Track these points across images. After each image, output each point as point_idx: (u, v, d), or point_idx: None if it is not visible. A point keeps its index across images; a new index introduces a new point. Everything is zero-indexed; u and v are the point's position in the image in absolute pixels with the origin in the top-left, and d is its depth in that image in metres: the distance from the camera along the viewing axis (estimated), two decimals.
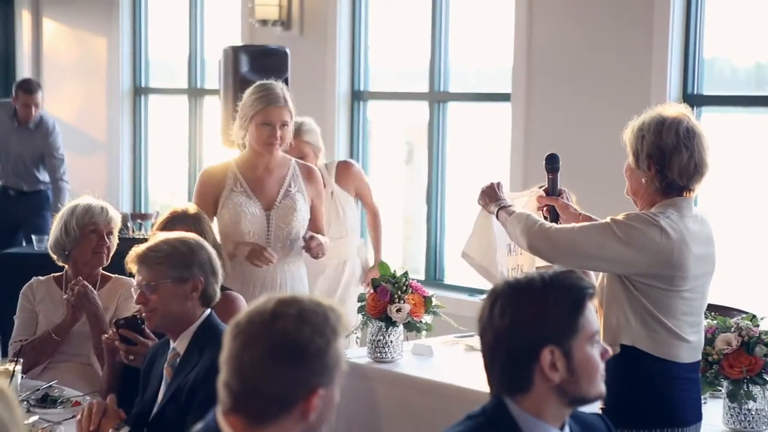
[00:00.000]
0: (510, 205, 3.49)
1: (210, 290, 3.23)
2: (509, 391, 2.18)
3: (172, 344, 3.24)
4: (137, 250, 3.24)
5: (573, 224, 3.35)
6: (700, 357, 3.34)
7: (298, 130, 5.22)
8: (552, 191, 3.64)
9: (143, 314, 3.29)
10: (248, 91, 4.46)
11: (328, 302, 2.06)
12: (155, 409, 3.18)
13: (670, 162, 3.20)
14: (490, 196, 3.58)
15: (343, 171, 5.63)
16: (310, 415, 1.99)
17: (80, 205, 4.24)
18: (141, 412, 3.21)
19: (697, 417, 3.30)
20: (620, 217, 3.20)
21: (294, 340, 1.97)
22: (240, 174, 4.45)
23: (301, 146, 5.30)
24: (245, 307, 3.73)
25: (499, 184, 3.60)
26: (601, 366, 2.19)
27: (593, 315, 2.20)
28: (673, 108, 3.30)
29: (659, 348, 3.22)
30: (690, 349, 3.26)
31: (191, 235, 3.33)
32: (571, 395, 2.17)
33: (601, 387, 2.20)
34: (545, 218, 3.57)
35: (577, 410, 2.27)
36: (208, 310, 3.27)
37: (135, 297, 3.26)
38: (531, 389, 2.15)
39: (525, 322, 2.14)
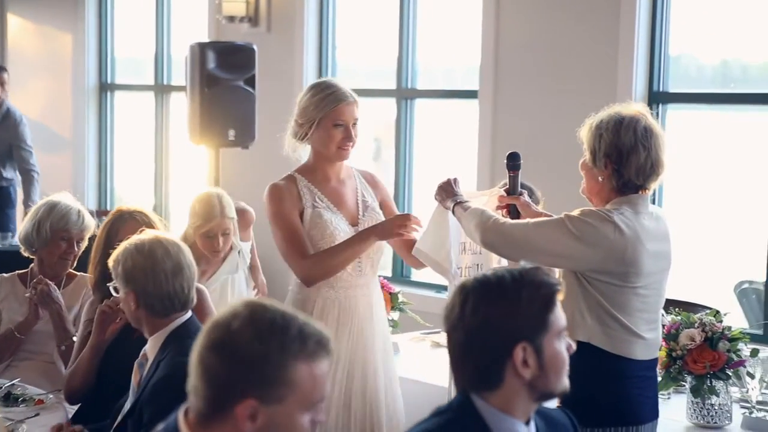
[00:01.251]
0: (466, 201, 3.48)
1: (150, 301, 3.09)
2: (478, 387, 2.18)
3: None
4: None
5: (528, 220, 3.35)
6: (656, 355, 3.35)
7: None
8: (513, 190, 3.61)
9: None
10: (307, 94, 3.87)
11: (304, 321, 1.96)
12: (118, 419, 3.16)
13: (627, 161, 3.21)
14: (447, 191, 3.55)
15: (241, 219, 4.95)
16: (243, 424, 1.91)
17: (59, 207, 4.17)
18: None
19: (653, 415, 3.30)
20: (575, 213, 3.20)
21: (231, 338, 1.92)
22: (315, 188, 3.82)
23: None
24: (207, 301, 3.71)
25: (455, 180, 3.58)
26: (567, 360, 2.22)
27: (561, 311, 2.21)
28: (631, 107, 3.31)
29: (614, 344, 3.22)
30: (646, 346, 3.26)
31: (142, 242, 3.16)
32: (540, 390, 2.18)
33: (566, 381, 2.22)
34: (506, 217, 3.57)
35: (541, 405, 2.28)
36: (186, 315, 3.16)
37: None
38: (501, 385, 2.16)
39: (498, 320, 2.14)
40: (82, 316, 3.86)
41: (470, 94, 6.49)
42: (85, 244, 4.22)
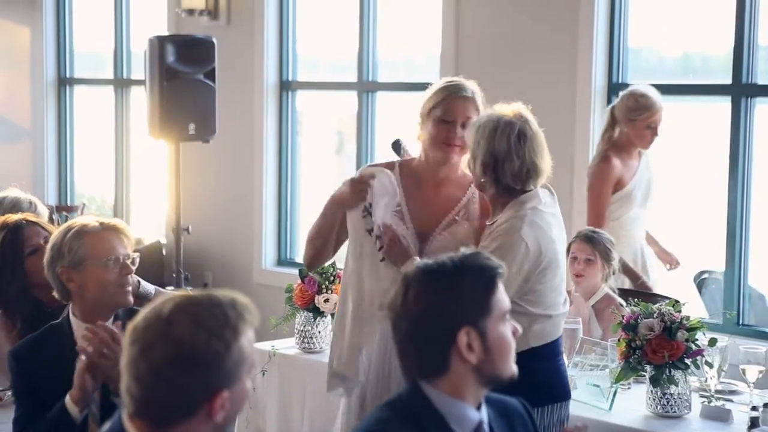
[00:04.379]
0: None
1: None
2: (426, 375, 2.20)
3: None
4: None
5: None
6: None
7: None
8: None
9: None
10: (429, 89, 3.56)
11: (229, 297, 1.99)
12: None
13: (502, 168, 3.29)
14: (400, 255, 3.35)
15: None
16: (215, 416, 1.96)
17: (8, 198, 4.14)
18: None
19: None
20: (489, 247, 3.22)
21: (190, 349, 1.92)
22: (400, 185, 3.46)
23: None
24: None
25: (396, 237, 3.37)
26: (513, 344, 2.24)
27: (504, 294, 2.24)
28: (510, 109, 3.36)
29: (547, 335, 3.37)
30: (564, 317, 3.44)
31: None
32: (487, 375, 2.20)
33: (514, 366, 2.24)
34: None
35: (492, 393, 2.30)
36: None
37: None
38: (448, 371, 2.18)
39: (441, 305, 2.16)
40: None
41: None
42: None
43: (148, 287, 3.54)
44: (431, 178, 3.47)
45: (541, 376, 3.30)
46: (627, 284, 4.96)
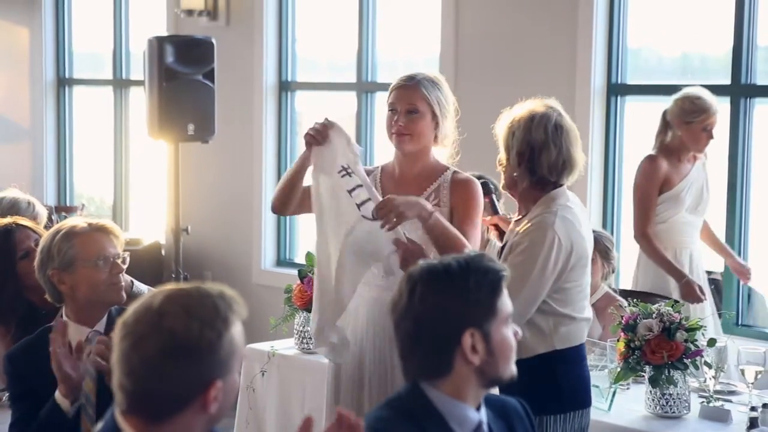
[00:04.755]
0: None
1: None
2: (428, 375, 2.19)
3: None
4: None
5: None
6: None
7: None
8: (495, 212, 3.74)
9: None
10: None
11: (217, 290, 2.00)
12: None
13: (539, 158, 3.28)
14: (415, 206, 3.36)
15: None
16: (210, 407, 1.96)
17: (6, 198, 4.15)
18: None
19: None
20: (518, 257, 3.23)
21: (183, 339, 1.92)
22: (380, 177, 3.64)
23: None
24: None
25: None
26: (515, 346, 2.24)
27: (507, 297, 2.24)
28: (543, 103, 3.38)
29: (573, 338, 3.33)
30: (588, 325, 3.41)
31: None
32: (489, 376, 2.20)
33: (514, 368, 2.25)
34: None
35: (491, 393, 2.31)
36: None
37: None
38: (451, 372, 2.18)
39: (447, 307, 2.16)
40: None
41: None
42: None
43: (142, 287, 3.54)
44: (409, 172, 3.55)
45: (566, 382, 3.28)
46: (673, 286, 4.92)
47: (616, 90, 5.77)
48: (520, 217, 3.37)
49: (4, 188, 4.35)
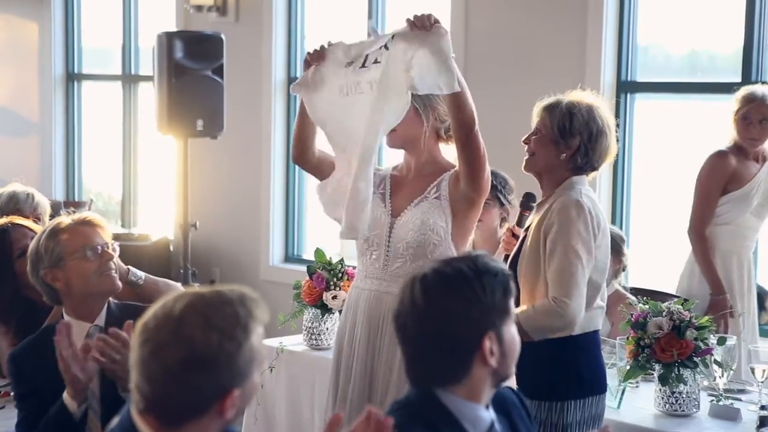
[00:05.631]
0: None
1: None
2: (444, 380, 2.17)
3: None
4: None
5: (549, 297, 3.23)
6: None
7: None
8: (521, 225, 3.67)
9: None
10: None
11: (238, 294, 1.99)
12: None
13: (596, 142, 3.34)
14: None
15: None
16: (227, 413, 1.96)
17: (5, 193, 4.16)
18: None
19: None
20: (567, 240, 3.22)
21: (203, 351, 1.91)
22: (389, 177, 3.65)
23: None
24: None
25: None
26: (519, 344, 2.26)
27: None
28: (589, 95, 3.45)
29: (592, 323, 3.37)
30: (602, 314, 3.43)
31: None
32: (500, 376, 2.21)
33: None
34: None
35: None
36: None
37: None
38: (467, 376, 2.16)
39: (468, 313, 2.14)
40: None
41: None
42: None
43: (138, 273, 3.53)
44: (415, 169, 3.59)
45: (586, 367, 3.31)
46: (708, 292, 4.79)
47: (625, 87, 5.76)
48: (544, 199, 3.39)
49: (11, 182, 4.36)
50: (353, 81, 3.50)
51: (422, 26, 3.39)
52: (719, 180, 4.82)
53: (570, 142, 3.34)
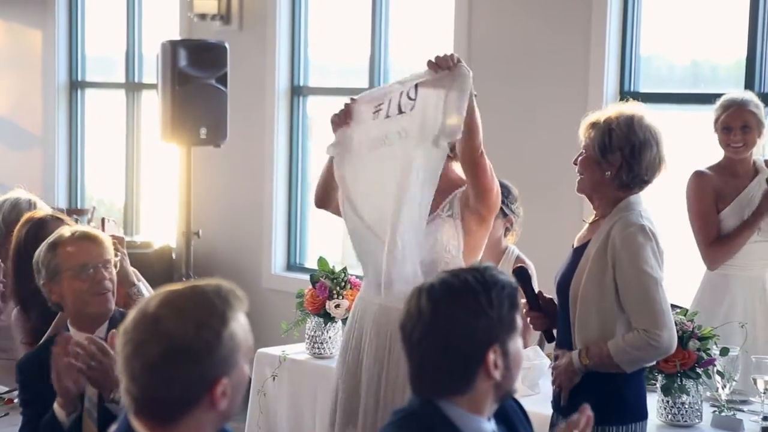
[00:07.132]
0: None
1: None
2: (448, 392, 2.17)
3: None
4: None
5: (641, 329, 3.19)
6: None
7: None
8: (532, 302, 3.45)
9: None
10: None
11: (213, 285, 2.01)
12: None
13: (640, 156, 3.26)
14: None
15: None
16: (218, 404, 1.98)
17: (8, 200, 4.15)
18: None
19: None
20: (639, 265, 3.19)
21: (181, 342, 1.93)
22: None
23: None
24: None
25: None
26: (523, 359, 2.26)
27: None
28: (632, 105, 3.37)
29: None
30: None
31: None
32: (504, 390, 2.20)
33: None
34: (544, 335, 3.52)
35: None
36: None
37: None
38: (471, 389, 2.16)
39: (475, 325, 2.13)
40: None
41: None
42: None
43: (144, 291, 3.54)
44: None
45: (630, 393, 3.27)
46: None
47: (629, 98, 5.75)
48: (597, 219, 3.35)
49: (14, 189, 4.36)
50: (381, 134, 3.49)
51: (446, 67, 3.35)
52: (707, 198, 4.72)
53: (611, 160, 3.27)
